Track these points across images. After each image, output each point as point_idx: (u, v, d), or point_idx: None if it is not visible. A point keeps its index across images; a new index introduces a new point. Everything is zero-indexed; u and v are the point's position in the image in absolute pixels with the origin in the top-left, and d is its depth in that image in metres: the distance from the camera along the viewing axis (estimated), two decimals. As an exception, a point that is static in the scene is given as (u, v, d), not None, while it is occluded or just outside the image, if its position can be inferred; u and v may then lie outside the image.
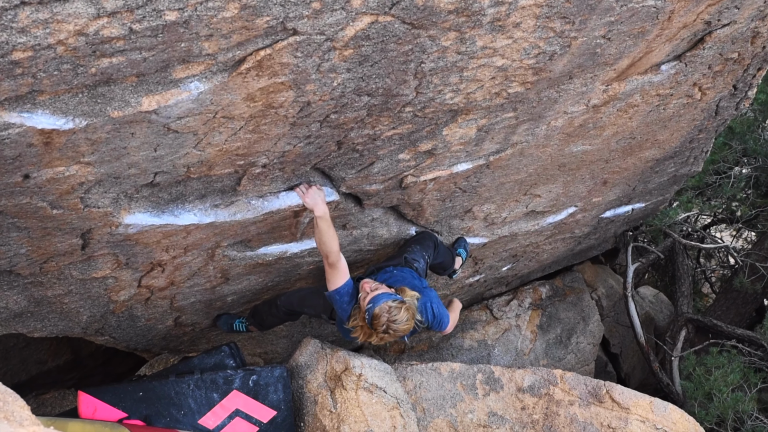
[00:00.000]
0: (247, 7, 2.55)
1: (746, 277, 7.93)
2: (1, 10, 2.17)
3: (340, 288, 4.25)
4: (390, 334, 4.10)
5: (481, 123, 4.00)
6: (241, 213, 4.03)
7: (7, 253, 3.53)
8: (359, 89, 3.26)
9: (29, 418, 2.19)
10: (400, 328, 4.07)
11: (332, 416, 4.86)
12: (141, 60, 2.60)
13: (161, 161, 3.30)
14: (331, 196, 4.30)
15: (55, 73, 2.49)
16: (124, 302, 4.58)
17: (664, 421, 5.44)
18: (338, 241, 4.16)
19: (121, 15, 2.37)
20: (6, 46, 2.29)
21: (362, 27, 2.85)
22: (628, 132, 4.91)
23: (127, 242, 3.86)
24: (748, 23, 4.06)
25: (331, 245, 4.11)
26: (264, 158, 3.63)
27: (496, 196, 5.18)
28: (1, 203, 3.11)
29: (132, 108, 2.82)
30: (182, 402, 4.68)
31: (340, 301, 4.28)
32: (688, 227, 9.15)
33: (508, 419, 5.45)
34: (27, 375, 6.06)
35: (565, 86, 3.95)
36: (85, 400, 4.59)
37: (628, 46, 3.74)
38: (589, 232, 7.00)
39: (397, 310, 4.05)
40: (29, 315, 4.24)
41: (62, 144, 2.87)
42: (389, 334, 4.10)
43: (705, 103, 4.97)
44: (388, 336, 4.12)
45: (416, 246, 5.02)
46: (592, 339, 8.22)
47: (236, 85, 2.93)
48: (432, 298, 4.54)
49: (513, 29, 3.20)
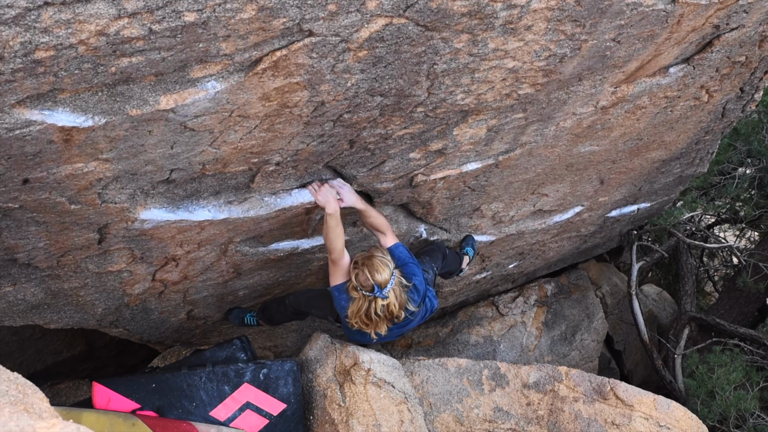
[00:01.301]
0: (264, 9, 2.55)
1: (749, 276, 7.90)
2: (25, 10, 2.18)
3: (339, 285, 4.35)
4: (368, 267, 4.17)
5: (491, 123, 4.00)
6: (254, 210, 4.04)
7: (26, 247, 3.55)
8: (372, 89, 3.27)
9: (48, 411, 2.21)
10: (375, 263, 4.18)
11: (341, 410, 4.87)
12: (160, 60, 2.61)
13: (177, 158, 3.31)
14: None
15: (76, 72, 2.50)
16: (138, 295, 4.59)
17: (667, 419, 5.43)
18: (344, 240, 4.25)
19: (141, 16, 2.38)
20: (29, 46, 2.30)
21: (377, 29, 2.85)
22: (636, 133, 4.91)
23: (143, 237, 3.87)
24: (756, 27, 4.04)
25: (336, 243, 4.21)
26: (278, 156, 3.64)
27: (504, 195, 5.18)
28: (21, 198, 3.13)
29: (150, 106, 2.83)
30: (194, 394, 4.69)
31: (339, 297, 4.38)
32: (692, 227, 9.12)
33: (514, 415, 5.45)
34: (42, 365, 6.09)
35: (575, 88, 3.95)
36: (100, 390, 4.61)
37: (637, 49, 3.74)
38: (595, 231, 6.99)
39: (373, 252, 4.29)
40: (46, 307, 4.26)
41: (81, 141, 2.88)
42: (368, 267, 4.17)
43: (712, 106, 4.95)
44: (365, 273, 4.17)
45: (425, 257, 5.09)
46: (596, 336, 8.21)
47: (252, 85, 2.94)
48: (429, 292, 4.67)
49: (524, 32, 3.20)
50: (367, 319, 4.27)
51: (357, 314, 4.28)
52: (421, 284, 4.48)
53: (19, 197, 3.11)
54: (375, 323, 4.30)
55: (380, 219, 4.51)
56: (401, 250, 4.53)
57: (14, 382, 2.38)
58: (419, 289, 4.44)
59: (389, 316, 4.29)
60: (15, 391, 2.31)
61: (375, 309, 4.22)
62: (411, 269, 4.47)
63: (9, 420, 1.98)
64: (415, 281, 4.44)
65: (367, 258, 4.26)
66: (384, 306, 4.22)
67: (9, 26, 2.22)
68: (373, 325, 4.31)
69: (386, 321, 4.33)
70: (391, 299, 4.22)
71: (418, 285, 4.44)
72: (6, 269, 3.70)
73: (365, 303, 4.22)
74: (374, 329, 4.37)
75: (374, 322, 4.29)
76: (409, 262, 4.49)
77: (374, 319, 4.27)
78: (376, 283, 4.16)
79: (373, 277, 4.17)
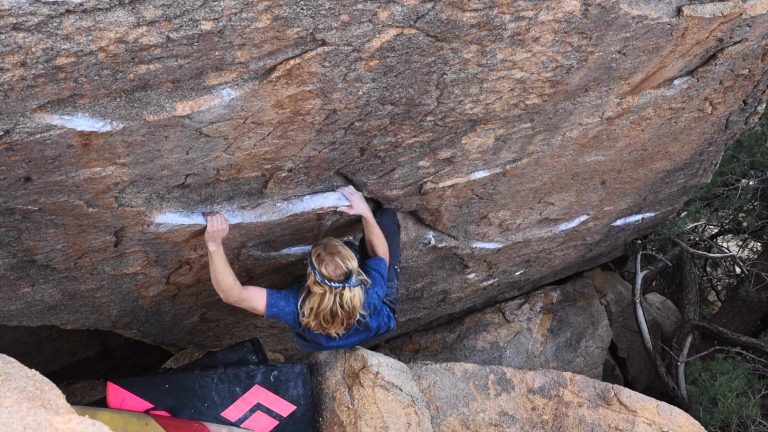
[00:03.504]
0: (278, 18, 2.56)
1: (752, 286, 7.88)
2: (48, 18, 2.20)
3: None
4: (338, 256, 3.90)
5: (498, 133, 4.01)
6: (266, 215, 4.05)
7: (44, 249, 3.57)
8: (383, 98, 3.28)
9: (64, 407, 2.22)
10: (342, 251, 3.93)
11: (349, 412, 4.87)
12: (177, 67, 2.62)
13: (192, 164, 3.32)
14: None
15: (96, 78, 2.52)
16: (152, 298, 4.61)
17: (670, 424, 5.41)
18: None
19: (160, 24, 2.39)
20: (50, 52, 2.32)
21: (388, 39, 2.86)
22: (641, 144, 4.90)
23: (158, 240, 3.88)
24: (759, 41, 4.04)
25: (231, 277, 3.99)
26: (290, 163, 3.65)
27: (511, 203, 5.18)
28: (41, 200, 3.15)
29: (167, 112, 2.84)
30: (206, 395, 4.70)
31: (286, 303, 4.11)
32: (696, 237, 9.11)
33: (519, 419, 5.43)
34: (59, 365, 6.11)
35: (581, 99, 3.95)
36: (114, 390, 4.62)
37: (642, 61, 3.74)
38: (600, 240, 6.97)
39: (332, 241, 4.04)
40: (63, 308, 4.28)
41: (100, 145, 2.90)
42: (338, 256, 3.89)
43: (715, 117, 4.94)
44: (336, 262, 3.88)
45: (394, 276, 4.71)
46: (600, 343, 8.19)
47: (266, 93, 2.95)
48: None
49: (532, 43, 3.21)
50: (330, 316, 3.98)
51: (319, 311, 3.95)
52: (378, 300, 4.24)
53: (39, 200, 3.13)
54: (336, 321, 4.00)
55: (383, 238, 4.38)
56: (383, 266, 4.34)
57: (32, 379, 2.39)
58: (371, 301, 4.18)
59: (352, 311, 3.99)
60: (33, 388, 2.33)
61: (341, 302, 3.92)
62: (378, 281, 4.24)
63: (27, 415, 1.99)
64: (375, 289, 4.20)
65: (331, 248, 3.96)
66: (350, 298, 3.93)
67: (32, 33, 2.24)
68: (332, 324, 4.02)
69: (345, 318, 4.01)
70: (356, 292, 3.96)
71: (375, 295, 4.21)
72: (25, 270, 3.72)
73: (331, 297, 3.90)
74: (332, 329, 4.06)
75: (337, 319, 3.99)
76: (380, 279, 4.26)
77: (340, 315, 3.97)
78: (349, 269, 3.91)
79: (346, 264, 3.90)
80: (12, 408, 2.09)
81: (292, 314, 4.09)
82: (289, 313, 4.09)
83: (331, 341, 4.31)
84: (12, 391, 2.24)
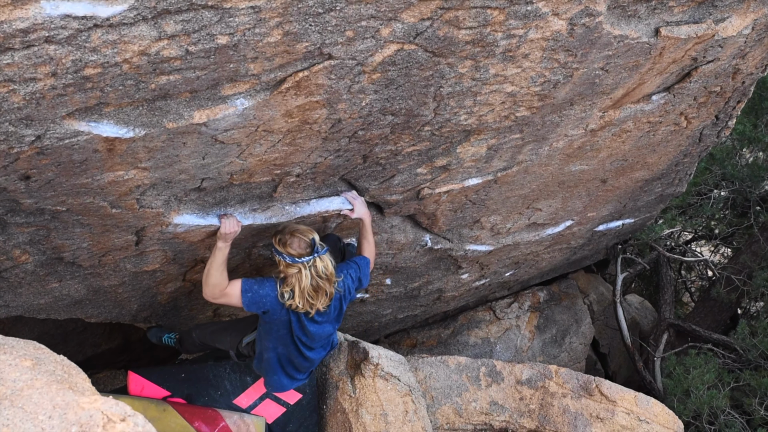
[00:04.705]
0: (289, 34, 2.57)
1: (722, 287, 7.88)
2: (77, 32, 2.21)
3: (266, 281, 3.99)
4: (298, 232, 3.83)
5: (491, 142, 4.01)
6: (276, 217, 4.04)
7: (71, 247, 3.57)
8: (384, 109, 3.28)
9: (90, 389, 2.22)
10: (299, 226, 3.87)
11: (351, 400, 4.86)
12: (194, 78, 2.62)
13: (208, 168, 3.32)
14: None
15: (120, 87, 2.52)
16: (170, 294, 4.60)
17: (646, 414, 5.41)
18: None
19: (179, 38, 2.40)
20: (79, 63, 2.33)
21: (389, 54, 2.87)
22: (621, 154, 4.90)
23: (175, 240, 3.88)
24: (729, 60, 4.04)
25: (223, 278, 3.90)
26: (298, 168, 3.64)
27: (501, 208, 5.17)
28: (68, 202, 3.14)
29: (185, 120, 2.85)
30: (219, 384, 4.70)
31: (264, 293, 3.93)
32: (672, 242, 9.13)
33: (508, 408, 5.42)
34: (83, 356, 6.10)
35: (567, 112, 3.95)
36: (134, 379, 4.62)
37: (623, 78, 3.74)
38: (584, 244, 6.96)
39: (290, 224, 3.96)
40: (87, 302, 4.27)
41: (123, 151, 2.90)
42: (296, 236, 3.81)
43: (690, 131, 4.94)
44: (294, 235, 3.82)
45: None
46: (583, 339, 8.17)
47: (277, 103, 2.95)
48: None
49: (522, 59, 3.21)
50: (314, 291, 3.88)
51: (302, 289, 3.85)
52: (351, 282, 4.16)
53: (66, 201, 3.13)
54: (321, 292, 3.90)
55: (373, 244, 4.36)
56: (365, 262, 4.29)
57: (60, 364, 2.40)
58: (346, 282, 4.12)
59: (330, 277, 3.89)
60: (61, 371, 2.33)
61: (317, 273, 3.84)
62: (353, 268, 4.21)
63: (56, 395, 2.00)
64: (349, 272, 4.15)
65: (288, 229, 3.87)
66: (324, 267, 3.85)
67: (62, 45, 2.24)
68: (318, 297, 3.91)
69: (328, 286, 3.92)
70: (326, 258, 3.89)
71: (349, 278, 4.15)
72: (53, 267, 3.72)
73: (306, 272, 3.81)
74: (318, 303, 3.93)
75: (321, 291, 3.90)
76: (355, 267, 4.23)
77: (322, 285, 3.88)
78: (312, 239, 3.85)
79: (307, 236, 3.83)
80: (43, 389, 2.09)
81: (270, 297, 3.90)
82: (266, 295, 3.90)
83: (313, 324, 4.11)
84: (42, 374, 2.24)
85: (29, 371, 2.25)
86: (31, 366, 2.24)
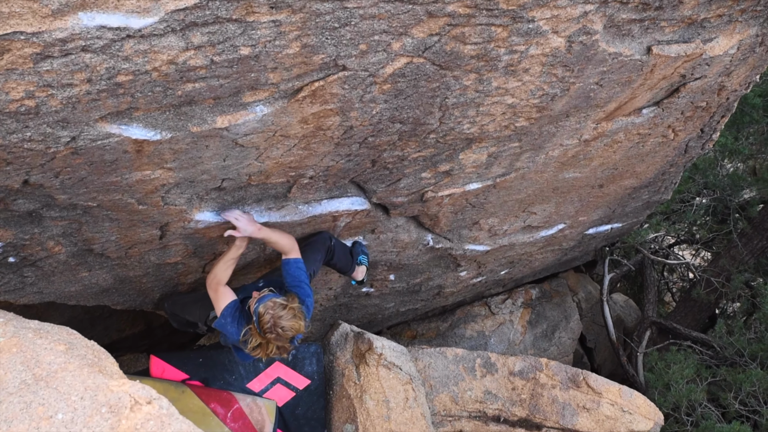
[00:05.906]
0: (306, 46, 2.56)
1: (702, 289, 7.85)
2: (111, 41, 2.20)
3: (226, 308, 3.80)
4: (278, 334, 3.53)
5: (491, 150, 3.99)
6: (289, 215, 4.04)
7: (101, 239, 3.57)
8: (393, 117, 3.27)
9: (118, 373, 2.22)
10: (285, 324, 3.53)
11: (356, 387, 4.86)
12: (218, 86, 2.62)
13: (228, 170, 3.32)
14: (364, 206, 4.30)
15: (149, 93, 2.52)
16: (190, 285, 4.60)
17: (629, 405, 5.41)
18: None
19: (205, 48, 2.39)
20: (112, 71, 2.32)
21: (399, 66, 2.86)
22: (612, 164, 4.88)
23: (196, 235, 3.88)
24: (716, 78, 4.03)
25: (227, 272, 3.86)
26: (311, 171, 3.64)
27: (499, 211, 5.16)
28: (99, 198, 3.14)
29: (208, 125, 2.84)
30: (234, 369, 4.70)
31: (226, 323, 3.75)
32: (656, 245, 9.09)
33: (501, 397, 5.42)
34: (108, 340, 6.10)
35: (563, 123, 3.93)
36: (156, 362, 4.63)
37: (616, 92, 3.73)
38: (574, 246, 6.95)
39: (281, 307, 3.55)
40: (114, 291, 4.27)
41: (150, 152, 2.89)
42: (278, 334, 3.53)
43: (677, 143, 4.93)
44: (276, 337, 3.54)
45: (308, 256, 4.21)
46: (572, 335, 8.16)
47: (293, 110, 2.95)
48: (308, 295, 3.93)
49: (523, 73, 3.20)
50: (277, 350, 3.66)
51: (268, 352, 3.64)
52: (311, 305, 3.90)
53: (97, 197, 3.13)
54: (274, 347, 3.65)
55: (283, 240, 3.89)
56: (300, 265, 3.93)
57: (91, 348, 2.40)
58: (309, 309, 3.84)
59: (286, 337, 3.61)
60: (92, 356, 2.33)
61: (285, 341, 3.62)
62: (304, 291, 3.86)
63: (87, 378, 2.00)
64: (308, 302, 3.84)
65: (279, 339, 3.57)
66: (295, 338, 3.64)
67: (97, 54, 2.24)
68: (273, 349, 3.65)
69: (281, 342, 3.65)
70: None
71: (309, 306, 3.86)
72: (83, 257, 3.72)
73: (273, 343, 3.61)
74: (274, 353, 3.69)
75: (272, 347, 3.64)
76: (302, 282, 3.89)
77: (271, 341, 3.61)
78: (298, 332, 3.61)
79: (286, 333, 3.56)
80: (75, 372, 2.09)
81: (232, 337, 3.74)
82: (231, 333, 3.74)
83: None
84: (75, 358, 2.25)
85: (63, 355, 2.25)
86: (65, 350, 2.25)
